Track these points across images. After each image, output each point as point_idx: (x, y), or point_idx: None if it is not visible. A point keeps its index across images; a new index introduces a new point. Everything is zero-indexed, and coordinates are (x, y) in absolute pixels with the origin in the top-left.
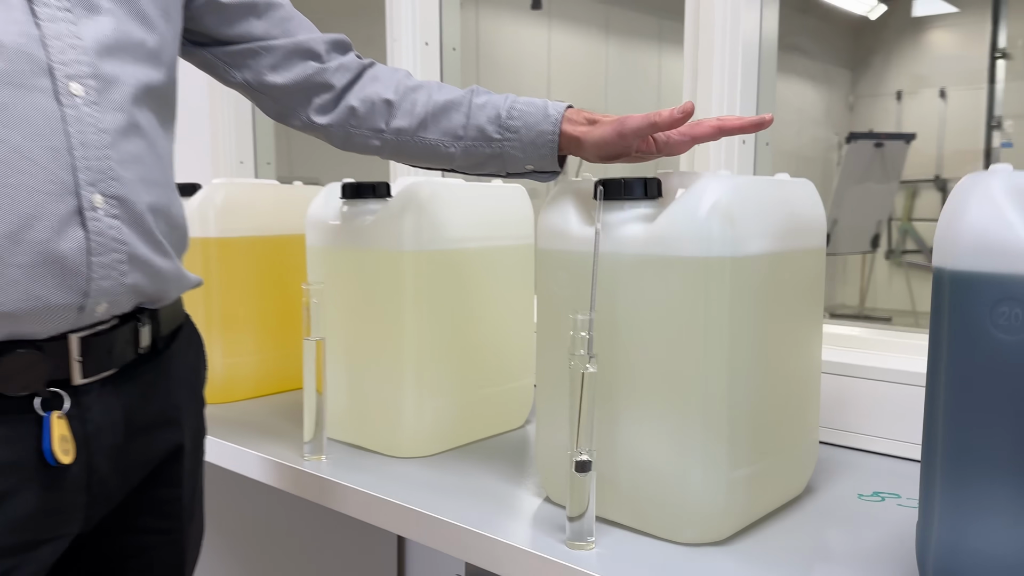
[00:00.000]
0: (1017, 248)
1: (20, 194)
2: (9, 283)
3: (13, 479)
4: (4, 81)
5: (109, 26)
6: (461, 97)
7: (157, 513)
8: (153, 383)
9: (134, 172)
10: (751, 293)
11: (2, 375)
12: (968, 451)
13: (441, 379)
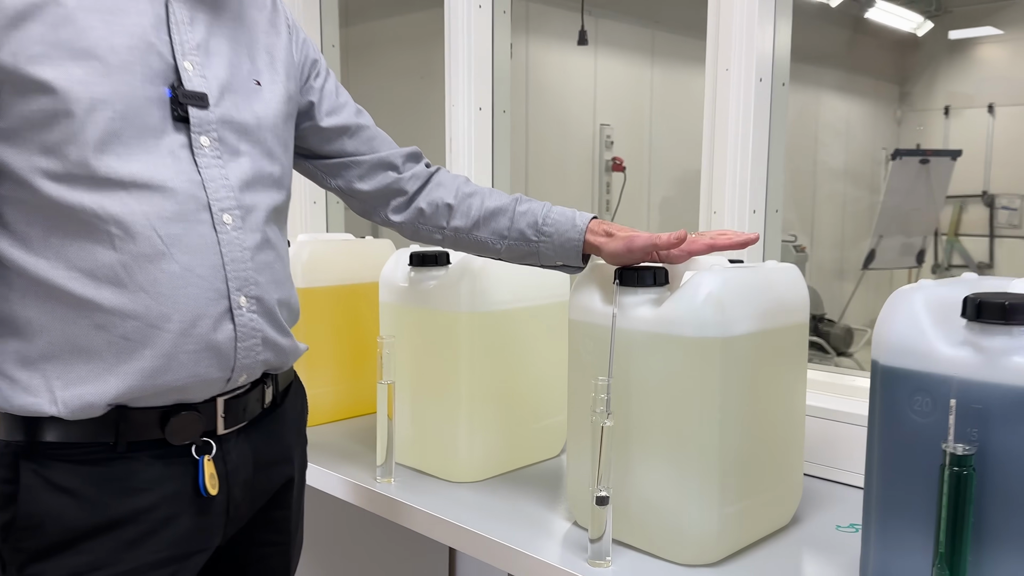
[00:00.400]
0: (929, 352)
1: (190, 301)
2: (180, 365)
3: (177, 506)
4: (178, 218)
5: (248, 166)
6: (507, 204)
7: (272, 529)
8: (273, 430)
9: (267, 276)
10: (739, 365)
11: (171, 430)
12: (893, 502)
13: (489, 416)
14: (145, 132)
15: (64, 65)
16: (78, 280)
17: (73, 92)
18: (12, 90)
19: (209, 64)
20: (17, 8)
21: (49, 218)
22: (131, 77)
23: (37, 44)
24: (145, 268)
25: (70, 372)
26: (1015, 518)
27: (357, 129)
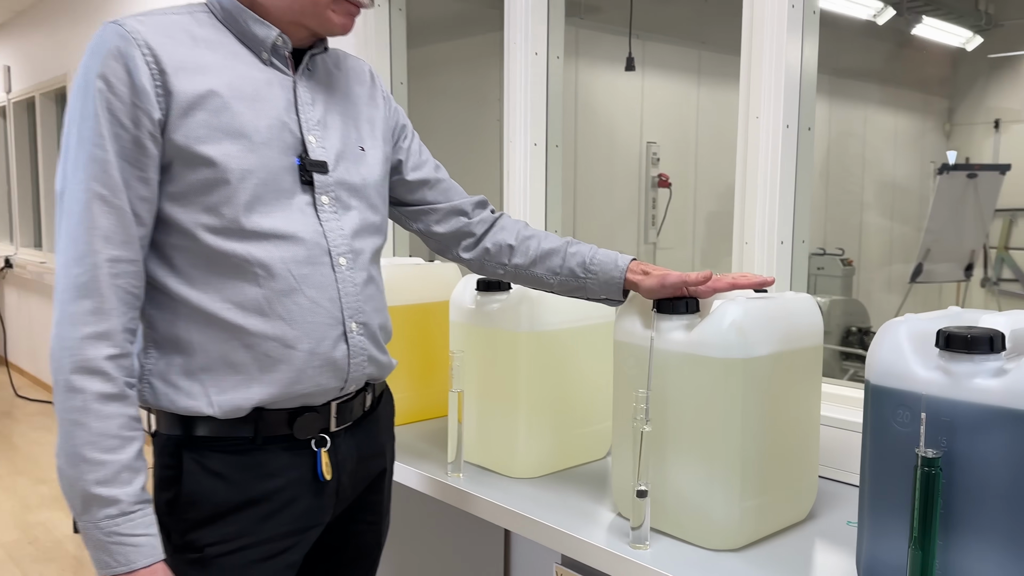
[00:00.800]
0: (908, 374)
1: (316, 327)
2: (308, 377)
3: (300, 489)
4: (307, 261)
5: (357, 218)
6: (560, 246)
7: (369, 511)
8: (371, 429)
9: (371, 306)
10: (758, 381)
11: (297, 428)
12: (880, 497)
13: (544, 421)
14: (281, 194)
15: (222, 144)
16: (231, 310)
17: (229, 165)
18: (182, 164)
19: (327, 136)
20: (189, 100)
21: (209, 262)
22: (271, 151)
23: (202, 128)
24: (282, 301)
25: (223, 382)
26: (975, 509)
27: (436, 182)
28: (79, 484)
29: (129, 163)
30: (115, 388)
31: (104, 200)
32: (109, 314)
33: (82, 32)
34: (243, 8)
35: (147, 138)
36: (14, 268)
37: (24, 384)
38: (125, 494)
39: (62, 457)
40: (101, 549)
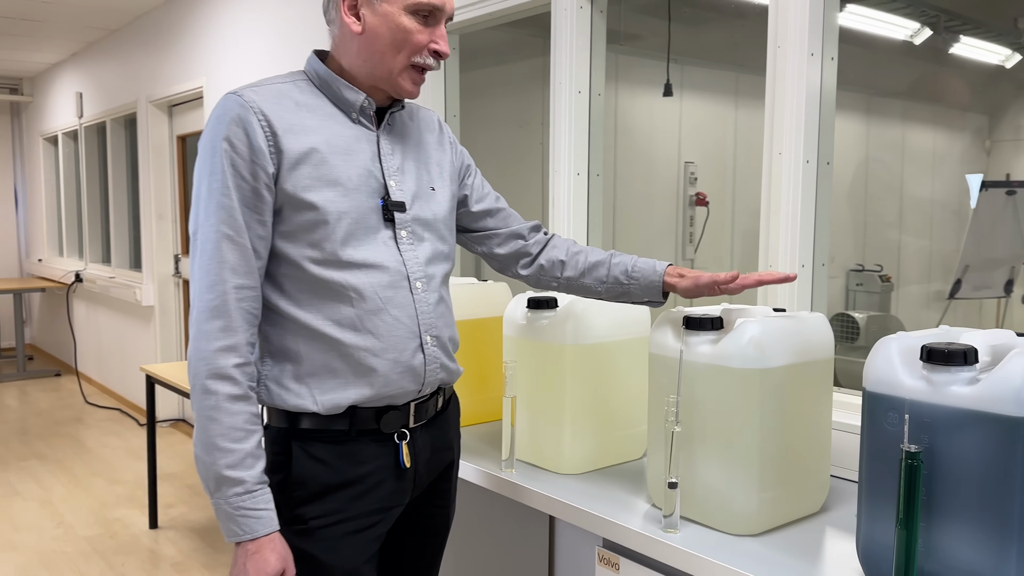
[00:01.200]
0: (897, 382)
1: (398, 340)
2: (392, 381)
3: (385, 474)
4: (390, 286)
5: (429, 247)
6: (605, 258)
7: (439, 496)
8: (442, 426)
9: (442, 322)
10: (774, 389)
11: (384, 423)
12: (874, 487)
13: (587, 424)
14: (369, 231)
15: (322, 191)
16: (330, 326)
17: (328, 208)
18: (291, 208)
19: (404, 180)
20: (296, 157)
21: (312, 287)
22: (360, 196)
23: (307, 179)
24: (371, 318)
25: (324, 384)
26: (952, 496)
27: (496, 211)
28: (213, 468)
29: (249, 209)
30: (241, 390)
31: (230, 239)
32: (236, 331)
33: (151, 62)
34: (336, 76)
35: (263, 188)
36: (83, 282)
37: (92, 392)
38: (249, 476)
39: (199, 446)
40: (230, 520)
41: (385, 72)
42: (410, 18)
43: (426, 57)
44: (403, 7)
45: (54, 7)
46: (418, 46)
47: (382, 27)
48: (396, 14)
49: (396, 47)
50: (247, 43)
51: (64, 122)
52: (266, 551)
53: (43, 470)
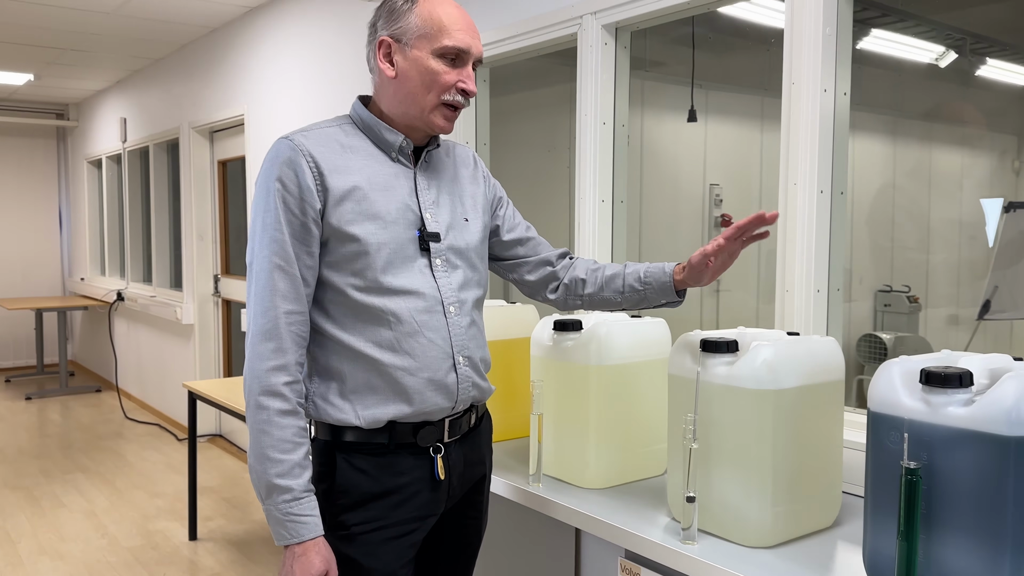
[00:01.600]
0: (898, 403)
1: (433, 360)
2: (428, 399)
3: (421, 485)
4: (426, 311)
5: (462, 275)
6: (619, 270)
7: (472, 507)
8: (475, 441)
9: (474, 343)
10: (786, 409)
11: (420, 437)
12: (879, 501)
13: (610, 441)
14: (406, 259)
15: (364, 224)
16: (371, 348)
17: (368, 240)
18: (336, 240)
19: (439, 213)
20: (340, 194)
21: (355, 311)
22: (399, 228)
23: (350, 213)
24: (408, 341)
25: (366, 400)
26: (949, 509)
27: (527, 240)
28: (264, 477)
29: (299, 241)
30: (290, 406)
31: (282, 269)
32: (286, 352)
33: (194, 89)
34: (377, 120)
35: (311, 223)
36: (125, 301)
37: (132, 407)
38: (297, 484)
39: (252, 456)
40: (279, 525)
41: (418, 111)
42: (437, 61)
43: (455, 95)
44: (431, 51)
45: (102, 38)
46: (446, 85)
47: (412, 70)
48: (424, 58)
49: (426, 87)
50: (287, 73)
51: (108, 146)
52: (311, 554)
53: (87, 483)
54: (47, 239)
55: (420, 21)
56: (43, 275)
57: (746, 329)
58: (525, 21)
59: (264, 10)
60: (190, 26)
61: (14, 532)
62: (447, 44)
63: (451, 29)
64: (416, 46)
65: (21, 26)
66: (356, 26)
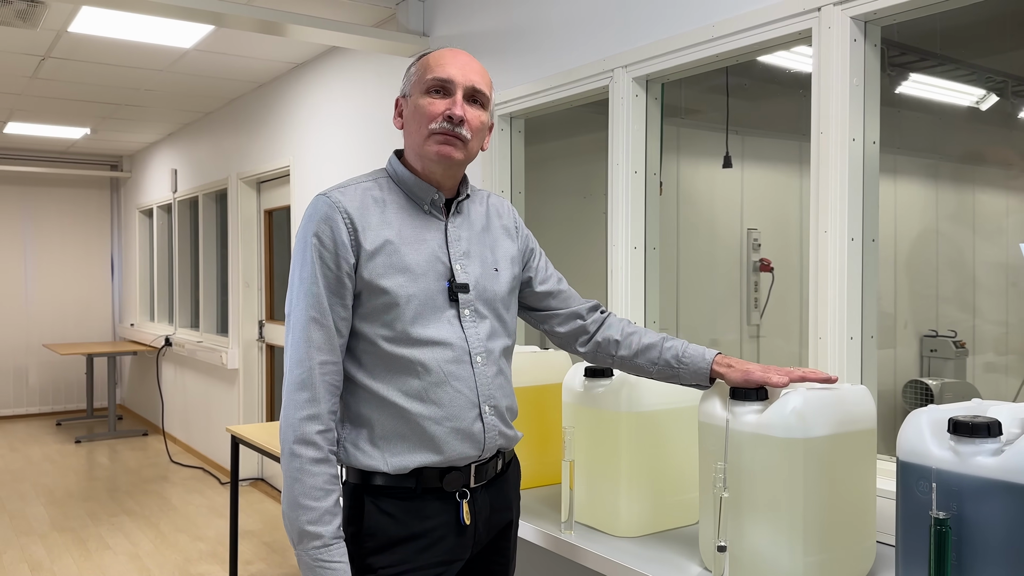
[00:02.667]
0: (927, 453)
1: (460, 410)
2: (454, 447)
3: (447, 529)
4: (454, 361)
5: (489, 326)
6: (657, 341)
7: (499, 553)
8: (502, 487)
9: (500, 392)
10: (817, 458)
11: (447, 483)
12: (909, 550)
13: (642, 488)
14: (435, 311)
15: (394, 277)
16: (400, 397)
17: (399, 292)
18: (368, 293)
19: (469, 264)
20: (373, 249)
21: (385, 361)
22: (428, 280)
23: (381, 267)
24: (436, 391)
25: (394, 447)
26: (980, 560)
27: (558, 292)
28: (296, 523)
29: (333, 294)
30: (322, 454)
31: (317, 321)
32: (320, 401)
33: (242, 142)
34: (410, 174)
35: (345, 276)
36: (172, 346)
37: (177, 451)
38: (327, 531)
39: (285, 503)
40: (309, 570)
41: (418, 147)
42: (426, 97)
43: (440, 122)
44: (421, 91)
45: (155, 94)
46: (432, 115)
47: (410, 114)
48: (417, 98)
49: (418, 123)
50: (330, 126)
51: (159, 196)
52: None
53: (132, 525)
54: (99, 286)
55: (414, 70)
56: (94, 321)
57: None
58: (558, 75)
59: (308, 66)
60: (238, 81)
61: (61, 573)
62: (428, 78)
63: (434, 65)
64: (412, 92)
65: (81, 83)
66: (394, 81)
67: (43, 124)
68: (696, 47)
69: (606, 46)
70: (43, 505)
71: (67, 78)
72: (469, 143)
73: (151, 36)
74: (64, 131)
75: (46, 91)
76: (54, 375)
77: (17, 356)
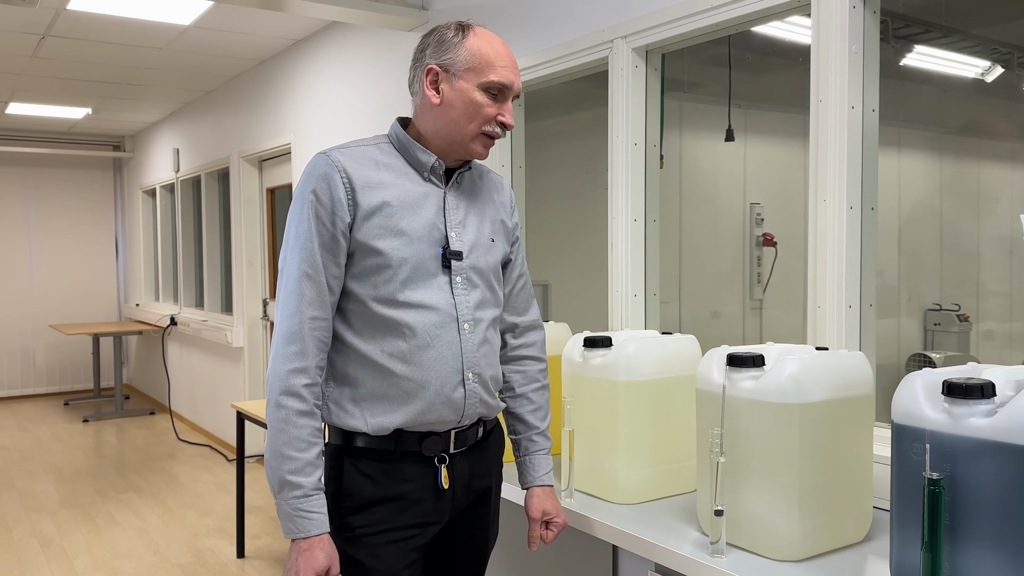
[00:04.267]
0: (920, 415)
1: (442, 374)
2: (434, 410)
3: (425, 493)
4: (440, 325)
5: (479, 295)
6: (524, 429)
7: (478, 519)
8: (482, 454)
9: (485, 361)
10: (812, 422)
11: (425, 447)
12: (904, 512)
13: (641, 457)
14: (427, 276)
15: (388, 240)
16: (385, 358)
17: (392, 255)
18: (361, 253)
19: (464, 233)
20: (369, 209)
21: (373, 322)
22: (422, 245)
23: (377, 228)
24: (420, 353)
25: (375, 408)
26: (973, 519)
27: (513, 293)
28: (278, 472)
29: (327, 251)
30: (307, 407)
31: (309, 276)
32: (307, 355)
33: (243, 120)
34: (412, 141)
35: (340, 235)
36: (178, 325)
37: (184, 429)
38: (307, 482)
39: (268, 453)
40: (288, 519)
41: (459, 138)
42: (482, 94)
43: (494, 127)
44: (476, 84)
45: (156, 73)
46: (487, 117)
47: (457, 100)
48: (470, 90)
49: (469, 117)
50: (331, 102)
51: (162, 176)
52: (315, 549)
53: (140, 502)
54: (104, 266)
55: (469, 54)
56: (100, 301)
57: (774, 344)
58: (557, 47)
59: (308, 42)
60: (238, 59)
61: (71, 549)
62: (492, 79)
63: (497, 65)
64: (463, 77)
65: (81, 63)
66: (395, 56)
67: (44, 104)
68: (695, 16)
69: (605, 17)
70: (52, 483)
71: (67, 57)
72: None
73: (150, 13)
74: (66, 111)
75: (46, 70)
76: (61, 355)
77: (24, 337)
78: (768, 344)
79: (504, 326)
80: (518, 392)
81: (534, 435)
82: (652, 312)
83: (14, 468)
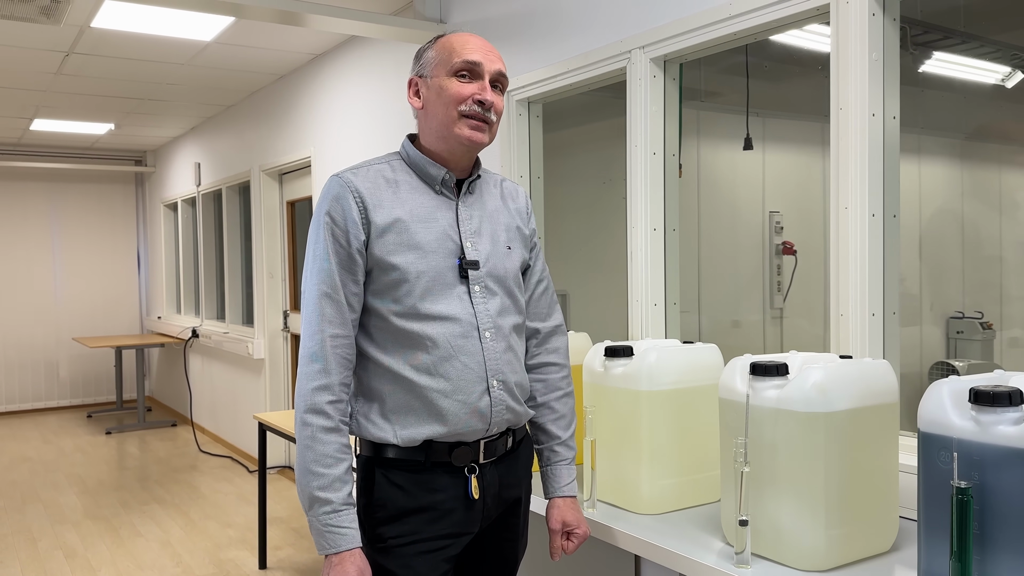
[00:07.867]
0: (948, 423)
1: (467, 384)
2: (462, 421)
3: (456, 503)
4: (462, 336)
5: (499, 302)
6: (547, 440)
7: (507, 529)
8: (511, 464)
9: (509, 368)
10: (838, 432)
11: (455, 457)
12: (931, 521)
13: (664, 467)
14: (445, 287)
15: (404, 255)
16: (410, 371)
17: (409, 269)
18: (379, 269)
19: (480, 242)
20: (383, 226)
21: (396, 336)
22: (438, 257)
23: (392, 244)
24: (444, 365)
25: (404, 420)
26: (1003, 529)
27: (534, 299)
28: (307, 489)
29: (345, 270)
30: (332, 424)
31: (328, 296)
32: (331, 373)
33: (263, 134)
34: (423, 156)
35: (356, 253)
36: (199, 338)
37: (206, 441)
38: (337, 497)
39: (297, 470)
40: (320, 536)
41: (445, 130)
42: (452, 80)
43: (471, 105)
44: (446, 73)
45: (177, 88)
46: (461, 97)
47: (433, 96)
48: (442, 80)
49: (445, 104)
50: (350, 116)
51: (183, 190)
52: (347, 564)
53: (162, 513)
54: (126, 280)
55: (435, 52)
56: (122, 314)
57: (798, 353)
58: (576, 58)
59: (328, 57)
60: (258, 74)
61: (94, 560)
62: (456, 61)
63: (461, 49)
64: (435, 74)
65: (104, 79)
66: None
67: (68, 120)
68: (713, 26)
69: (623, 27)
70: (76, 494)
71: (91, 74)
72: (493, 127)
73: (172, 30)
74: (89, 127)
75: (70, 87)
76: (84, 368)
77: (48, 350)
78: (791, 353)
79: (527, 332)
80: (540, 402)
81: (555, 445)
82: (672, 321)
83: (39, 480)
